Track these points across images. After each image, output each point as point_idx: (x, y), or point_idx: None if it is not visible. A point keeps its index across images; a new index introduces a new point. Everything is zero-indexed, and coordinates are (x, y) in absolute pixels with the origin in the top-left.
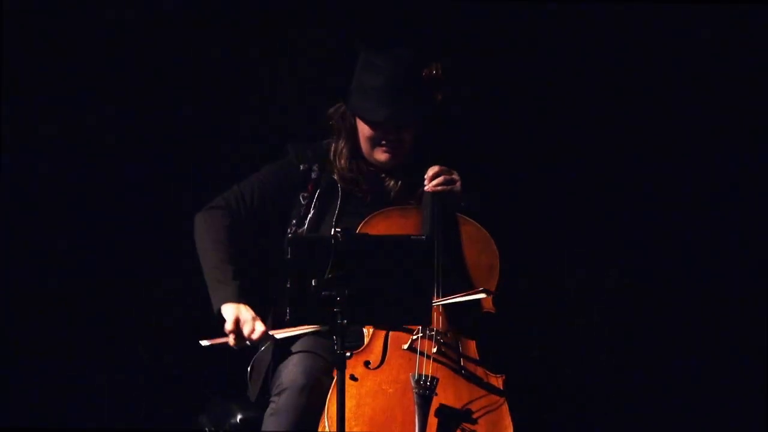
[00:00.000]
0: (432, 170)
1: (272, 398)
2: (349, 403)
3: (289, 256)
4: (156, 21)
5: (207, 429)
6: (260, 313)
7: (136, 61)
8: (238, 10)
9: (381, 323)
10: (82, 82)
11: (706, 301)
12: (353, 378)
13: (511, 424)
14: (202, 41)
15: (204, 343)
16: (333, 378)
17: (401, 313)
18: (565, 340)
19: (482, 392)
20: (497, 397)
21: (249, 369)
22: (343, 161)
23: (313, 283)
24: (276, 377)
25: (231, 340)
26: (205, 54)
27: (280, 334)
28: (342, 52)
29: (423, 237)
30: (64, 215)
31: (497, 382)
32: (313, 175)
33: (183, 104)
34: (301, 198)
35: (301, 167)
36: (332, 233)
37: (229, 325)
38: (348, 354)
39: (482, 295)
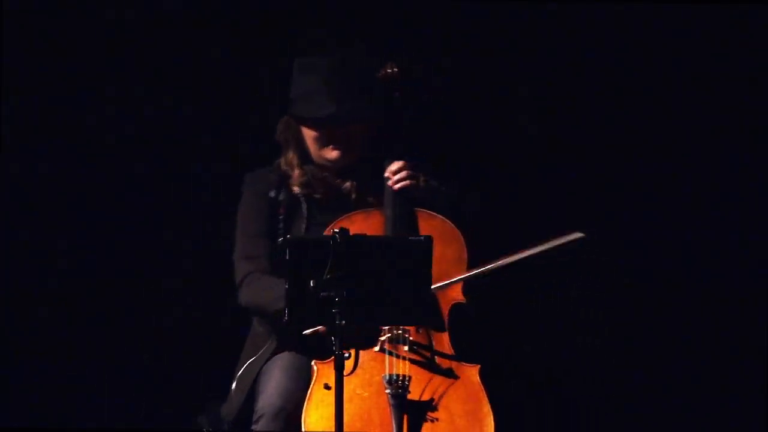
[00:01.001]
0: (394, 166)
1: (252, 426)
2: (325, 412)
3: (287, 258)
4: (156, 21)
5: (205, 429)
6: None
7: (136, 61)
8: (239, 11)
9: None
10: (82, 82)
11: (696, 300)
12: (327, 387)
13: (490, 411)
14: (202, 41)
15: (306, 332)
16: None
17: (400, 313)
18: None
19: (458, 383)
20: (474, 387)
21: (233, 385)
22: (295, 170)
23: (312, 284)
24: (257, 399)
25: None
26: (205, 54)
27: None
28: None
29: (422, 238)
30: (64, 215)
31: (473, 371)
32: (281, 197)
33: (183, 104)
34: (280, 224)
35: (271, 194)
36: (331, 233)
37: None
38: (346, 354)
39: (579, 235)
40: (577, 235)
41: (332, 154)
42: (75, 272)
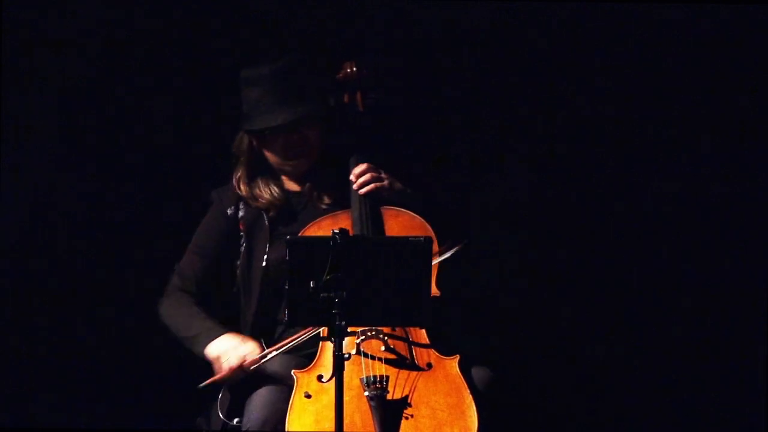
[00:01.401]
0: (358, 169)
1: None
2: (307, 420)
3: (287, 258)
4: (156, 22)
5: (205, 429)
6: None
7: (135, 61)
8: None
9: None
10: (81, 82)
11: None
12: (307, 396)
13: (472, 402)
14: (202, 42)
15: (200, 385)
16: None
17: (401, 314)
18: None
19: (438, 377)
20: (454, 379)
21: (219, 398)
22: (242, 185)
23: (312, 285)
24: (244, 413)
25: (222, 373)
26: (204, 55)
27: (274, 351)
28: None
29: (422, 238)
30: (64, 214)
31: (452, 364)
32: (241, 213)
33: (183, 104)
34: (242, 240)
35: (229, 212)
36: (331, 234)
37: (216, 363)
38: (347, 355)
39: (459, 246)
40: (458, 246)
41: (293, 159)
42: (75, 272)
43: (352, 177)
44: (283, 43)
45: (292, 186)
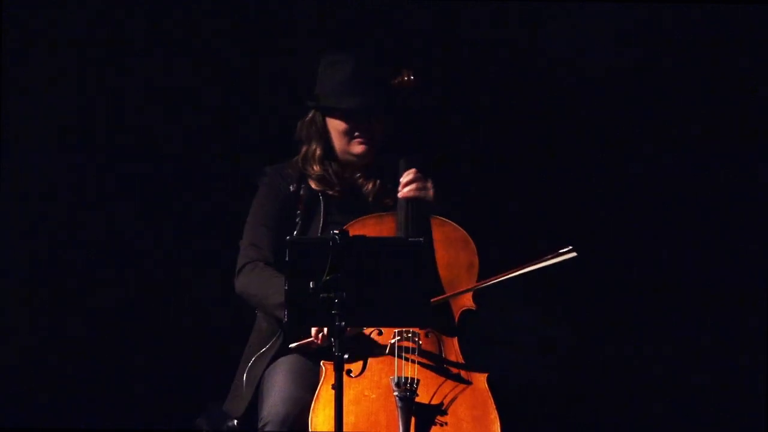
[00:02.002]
0: (406, 176)
1: (258, 430)
2: (332, 412)
3: (287, 258)
4: (155, 22)
5: (205, 430)
6: None
7: (136, 62)
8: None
9: (379, 325)
10: (81, 81)
11: (705, 301)
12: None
13: (497, 418)
14: (202, 42)
15: (291, 346)
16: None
17: (400, 315)
18: (548, 336)
19: (466, 389)
20: (481, 394)
21: (244, 383)
22: (314, 164)
23: (311, 286)
24: (261, 406)
25: (318, 339)
26: (205, 54)
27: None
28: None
29: (420, 239)
30: (64, 214)
31: (481, 378)
32: (302, 192)
33: (183, 103)
34: (297, 219)
35: (291, 188)
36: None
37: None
38: (346, 356)
39: (573, 254)
40: (572, 254)
41: (358, 148)
42: (75, 272)
43: (400, 183)
44: (284, 42)
45: (354, 178)
